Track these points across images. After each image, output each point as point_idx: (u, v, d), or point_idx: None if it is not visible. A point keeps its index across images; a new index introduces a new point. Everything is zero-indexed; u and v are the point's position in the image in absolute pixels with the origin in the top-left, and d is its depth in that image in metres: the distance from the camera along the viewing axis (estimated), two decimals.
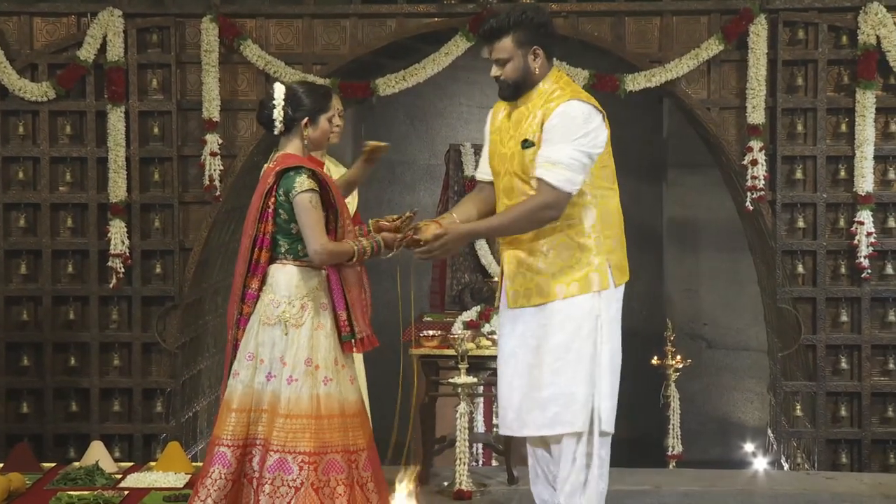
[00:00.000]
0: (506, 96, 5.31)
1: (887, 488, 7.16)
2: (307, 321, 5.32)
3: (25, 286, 8.74)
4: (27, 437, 8.42)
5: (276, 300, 5.34)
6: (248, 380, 5.34)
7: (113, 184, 8.59)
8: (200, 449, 9.06)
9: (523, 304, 5.26)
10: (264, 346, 5.33)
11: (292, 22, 8.75)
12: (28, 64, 8.65)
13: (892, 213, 8.55)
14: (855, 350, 8.60)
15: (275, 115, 5.36)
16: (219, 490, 5.27)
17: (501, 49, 5.20)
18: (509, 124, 5.30)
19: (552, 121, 5.14)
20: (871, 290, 8.53)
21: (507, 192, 5.27)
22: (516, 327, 5.30)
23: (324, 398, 5.29)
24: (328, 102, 5.50)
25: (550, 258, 5.22)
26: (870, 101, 8.39)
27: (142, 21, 8.68)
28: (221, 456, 5.30)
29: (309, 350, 5.30)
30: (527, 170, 5.17)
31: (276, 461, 5.23)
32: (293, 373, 5.28)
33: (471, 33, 8.52)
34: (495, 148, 5.36)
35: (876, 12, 8.32)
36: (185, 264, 8.72)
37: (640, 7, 8.66)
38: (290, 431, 5.26)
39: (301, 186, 5.25)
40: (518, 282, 5.28)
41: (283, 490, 5.21)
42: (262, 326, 5.35)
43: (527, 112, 5.24)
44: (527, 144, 5.17)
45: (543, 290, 5.23)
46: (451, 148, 10.42)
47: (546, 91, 5.23)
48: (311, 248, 5.25)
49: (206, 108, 8.57)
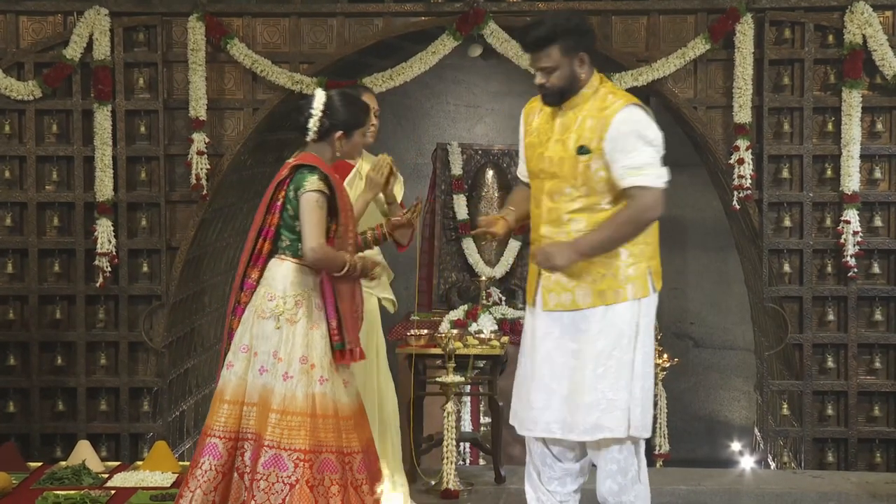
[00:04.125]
0: (551, 102, 5.27)
1: (874, 487, 7.19)
2: (302, 318, 5.34)
3: (11, 285, 8.73)
4: (13, 436, 8.41)
5: (270, 294, 5.37)
6: (242, 372, 5.37)
7: (99, 183, 8.58)
8: (187, 448, 9.06)
9: (562, 307, 5.25)
10: (258, 338, 5.35)
11: (279, 21, 8.74)
12: (14, 62, 8.63)
13: (878, 212, 8.57)
14: (841, 349, 8.62)
15: (310, 124, 5.39)
16: (208, 482, 5.28)
17: (548, 58, 5.17)
18: (550, 127, 5.29)
19: (619, 129, 5.15)
20: (857, 288, 8.55)
21: (551, 194, 5.24)
22: (553, 330, 5.27)
23: (319, 397, 5.30)
24: (365, 118, 5.54)
25: (594, 265, 5.20)
26: (856, 100, 8.40)
27: (128, 20, 8.66)
28: (212, 447, 5.31)
29: (304, 348, 5.32)
30: (578, 174, 5.17)
31: (272, 457, 5.23)
32: (289, 370, 5.29)
33: (458, 32, 8.53)
34: (533, 150, 5.34)
35: (862, 12, 8.33)
36: (172, 263, 8.71)
37: (626, 6, 8.66)
38: (285, 428, 5.26)
39: (311, 185, 5.28)
40: (558, 285, 5.25)
41: (278, 486, 5.21)
42: (257, 319, 5.37)
43: (574, 116, 5.24)
44: (583, 150, 5.16)
45: (586, 295, 5.22)
46: (439, 147, 10.46)
47: (592, 95, 5.24)
48: (306, 245, 5.27)
49: (192, 106, 8.56)
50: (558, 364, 5.25)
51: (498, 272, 10.07)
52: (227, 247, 9.60)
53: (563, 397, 5.23)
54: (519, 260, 10.12)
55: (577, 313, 5.22)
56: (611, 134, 5.15)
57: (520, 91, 11.49)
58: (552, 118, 5.30)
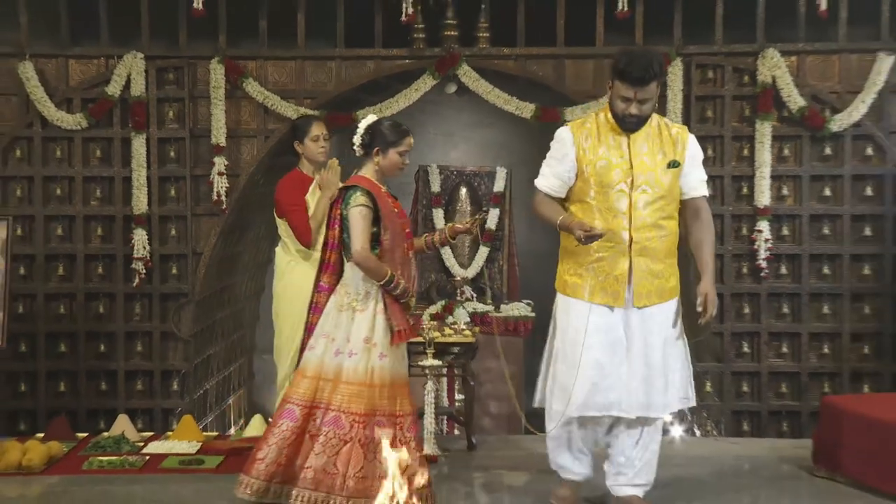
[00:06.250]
0: (635, 128, 5.17)
1: (782, 451, 7.22)
2: (370, 307, 5.40)
3: (62, 285, 8.74)
4: (64, 411, 8.40)
5: (348, 291, 5.44)
6: (321, 354, 5.40)
7: (136, 199, 8.60)
8: (210, 421, 9.07)
9: (648, 303, 5.25)
10: (336, 327, 5.40)
11: (286, 63, 8.78)
12: (64, 98, 8.66)
13: (785, 223, 8.65)
14: (755, 336, 8.70)
15: (354, 140, 5.51)
16: (283, 439, 5.30)
17: (650, 91, 5.08)
18: (616, 144, 5.19)
19: (694, 148, 5.29)
20: (768, 286, 8.63)
21: (637, 206, 5.16)
22: (644, 324, 5.26)
23: (378, 370, 5.36)
24: (400, 139, 5.54)
25: (667, 263, 5.30)
26: (767, 130, 8.48)
27: (160, 62, 8.70)
28: (290, 412, 5.35)
29: (368, 331, 5.38)
30: (662, 184, 5.18)
31: (333, 417, 5.31)
32: (354, 348, 5.36)
33: (437, 73, 8.58)
34: (606, 168, 5.17)
35: (772, 56, 8.41)
36: (197, 266, 8.73)
37: (577, 52, 8.71)
38: (346, 395, 5.33)
39: (354, 202, 5.36)
40: (644, 284, 5.23)
41: (333, 441, 5.28)
42: (337, 312, 5.43)
43: (646, 136, 5.20)
44: (675, 164, 5.22)
45: (665, 290, 5.28)
46: (420, 168, 10.45)
47: (654, 119, 5.23)
48: (353, 248, 5.35)
49: (214, 135, 8.59)
50: (656, 351, 5.26)
51: (470, 273, 10.08)
52: (244, 252, 9.61)
53: (644, 381, 5.25)
54: (488, 263, 10.12)
55: (662, 306, 5.28)
56: (693, 152, 5.27)
57: (489, 122, 11.54)
58: (615, 140, 5.20)
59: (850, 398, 7.02)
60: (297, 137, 6.68)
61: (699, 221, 5.36)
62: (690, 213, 5.37)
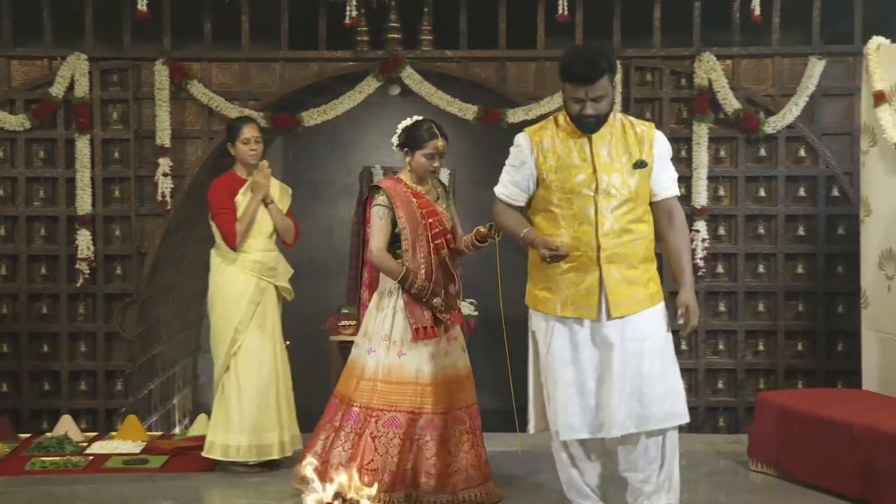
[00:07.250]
0: (593, 129, 4.86)
1: (718, 446, 7.30)
2: (390, 305, 5.52)
3: (5, 285, 8.62)
4: (6, 411, 8.30)
5: (379, 290, 5.63)
6: (359, 351, 5.61)
7: (80, 199, 8.49)
8: (154, 421, 8.98)
9: (628, 311, 4.88)
10: (368, 326, 5.60)
11: (231, 65, 8.71)
12: (7, 99, 8.54)
13: (722, 223, 8.71)
14: (693, 334, 8.68)
15: (393, 140, 5.74)
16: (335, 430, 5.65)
17: (601, 88, 4.78)
18: (577, 147, 4.88)
19: (662, 144, 5.00)
20: (705, 285, 8.67)
21: (607, 210, 4.83)
22: (626, 334, 4.88)
23: (396, 367, 5.44)
24: (425, 142, 5.62)
25: (643, 268, 4.94)
26: (704, 132, 8.53)
27: (104, 64, 8.59)
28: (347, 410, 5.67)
29: (389, 328, 5.49)
30: (630, 186, 4.86)
31: (348, 411, 5.49)
32: (372, 345, 5.50)
33: (380, 75, 8.55)
34: (566, 173, 4.87)
35: (708, 60, 8.48)
36: (142, 266, 8.65)
37: (519, 54, 8.72)
38: (362, 389, 5.47)
39: (374, 202, 5.56)
40: (619, 293, 4.86)
41: (349, 434, 5.45)
42: (371, 310, 5.64)
43: (609, 136, 4.89)
44: (642, 164, 4.89)
45: (642, 298, 4.91)
46: (364, 169, 10.46)
47: (617, 118, 4.97)
48: (369, 247, 5.54)
49: (158, 136, 8.51)
50: (631, 366, 4.87)
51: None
52: (188, 252, 9.53)
53: (634, 394, 4.86)
54: None
55: (638, 316, 4.89)
56: (659, 150, 4.97)
57: None
58: (576, 143, 4.90)
59: (784, 394, 7.10)
60: (230, 139, 6.74)
61: (673, 228, 5.01)
62: (663, 216, 5.03)
